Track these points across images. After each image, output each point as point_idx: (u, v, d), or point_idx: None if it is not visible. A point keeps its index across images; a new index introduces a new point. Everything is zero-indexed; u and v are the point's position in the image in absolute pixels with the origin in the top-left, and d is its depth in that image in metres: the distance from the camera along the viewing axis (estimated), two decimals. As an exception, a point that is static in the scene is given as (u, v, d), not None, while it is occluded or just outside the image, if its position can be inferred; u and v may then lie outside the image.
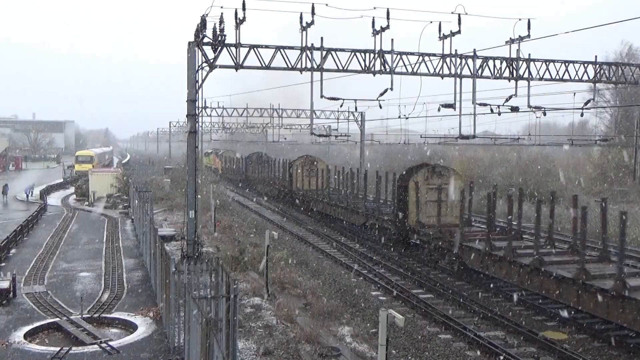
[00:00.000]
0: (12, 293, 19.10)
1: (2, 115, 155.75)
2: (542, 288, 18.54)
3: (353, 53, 24.31)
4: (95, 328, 16.24)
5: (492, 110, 26.53)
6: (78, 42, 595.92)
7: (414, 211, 26.85)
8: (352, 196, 36.23)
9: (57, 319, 16.88)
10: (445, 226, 25.42)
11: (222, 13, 22.16)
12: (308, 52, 23.64)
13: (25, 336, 15.54)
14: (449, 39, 24.70)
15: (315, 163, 48.37)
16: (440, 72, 25.28)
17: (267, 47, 23.52)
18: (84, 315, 17.02)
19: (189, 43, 22.86)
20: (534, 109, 27.15)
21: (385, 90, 24.49)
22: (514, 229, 21.52)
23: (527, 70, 26.28)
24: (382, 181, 34.97)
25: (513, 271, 19.80)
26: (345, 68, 24.22)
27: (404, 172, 29.23)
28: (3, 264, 24.40)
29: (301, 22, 23.01)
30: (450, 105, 25.44)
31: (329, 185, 42.65)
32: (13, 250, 27.55)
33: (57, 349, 14.36)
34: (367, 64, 24.42)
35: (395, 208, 29.09)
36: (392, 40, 24.32)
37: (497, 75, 26.10)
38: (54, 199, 52.76)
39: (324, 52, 23.87)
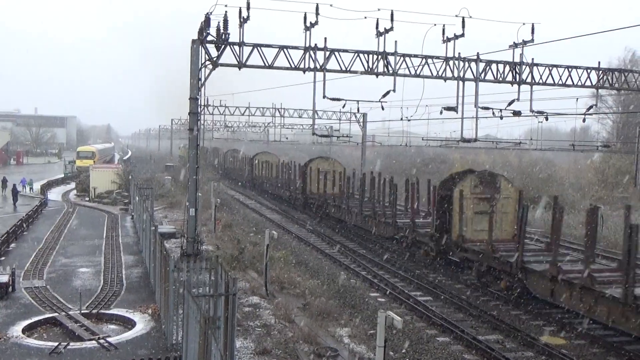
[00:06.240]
0: (11, 287, 19.12)
1: (4, 110, 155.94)
2: None
3: (356, 54, 24.33)
4: (94, 324, 16.25)
5: (494, 114, 26.57)
6: (84, 40, 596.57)
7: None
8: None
9: (56, 314, 16.89)
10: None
11: (226, 11, 22.21)
12: (311, 52, 23.66)
13: (24, 330, 15.55)
14: (452, 42, 24.72)
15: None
16: (443, 75, 25.29)
17: (270, 46, 23.53)
18: (82, 311, 17.03)
19: (193, 41, 22.88)
20: (536, 114, 27.15)
21: (388, 92, 24.52)
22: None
23: (530, 74, 26.29)
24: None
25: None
26: (348, 69, 24.23)
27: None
28: (3, 258, 24.41)
29: (305, 22, 23.03)
30: (453, 108, 25.44)
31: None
32: (13, 245, 27.56)
33: (55, 344, 14.36)
34: (370, 65, 24.44)
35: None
36: (395, 42, 24.36)
37: (500, 79, 26.11)
38: (54, 194, 52.80)
39: (328, 53, 23.88)
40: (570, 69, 27.13)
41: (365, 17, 23.11)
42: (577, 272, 17.56)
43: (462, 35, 24.24)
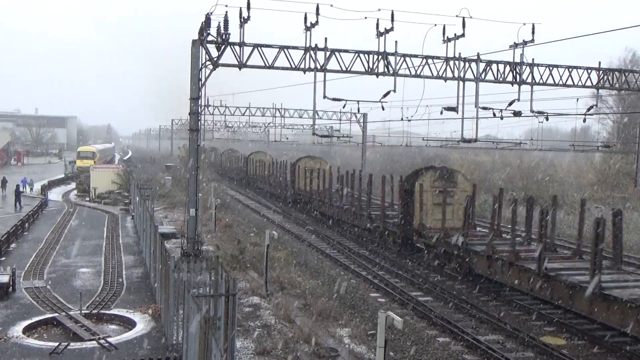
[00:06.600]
0: (11, 287, 19.12)
1: (4, 110, 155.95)
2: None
3: (357, 54, 24.33)
4: (94, 324, 16.24)
5: (494, 114, 26.58)
6: (84, 40, 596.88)
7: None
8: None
9: (56, 314, 16.89)
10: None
11: (226, 12, 22.23)
12: (312, 52, 23.66)
13: (24, 331, 15.55)
14: (452, 42, 24.72)
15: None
16: (444, 75, 25.29)
17: (270, 46, 23.54)
18: (82, 311, 17.03)
19: (193, 41, 22.88)
20: (536, 114, 27.15)
21: (388, 92, 24.51)
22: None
23: (530, 74, 26.29)
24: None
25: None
26: (348, 69, 24.24)
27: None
28: (3, 259, 24.41)
29: (305, 22, 23.03)
30: (453, 109, 25.45)
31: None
32: (13, 245, 27.56)
33: (56, 344, 14.37)
34: (371, 66, 24.44)
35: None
36: (395, 42, 24.36)
37: (500, 79, 26.11)
38: (55, 194, 52.77)
39: (328, 53, 23.88)
40: (570, 69, 27.13)
41: (366, 18, 23.14)
42: (508, 252, 20.33)
43: (463, 35, 24.24)
